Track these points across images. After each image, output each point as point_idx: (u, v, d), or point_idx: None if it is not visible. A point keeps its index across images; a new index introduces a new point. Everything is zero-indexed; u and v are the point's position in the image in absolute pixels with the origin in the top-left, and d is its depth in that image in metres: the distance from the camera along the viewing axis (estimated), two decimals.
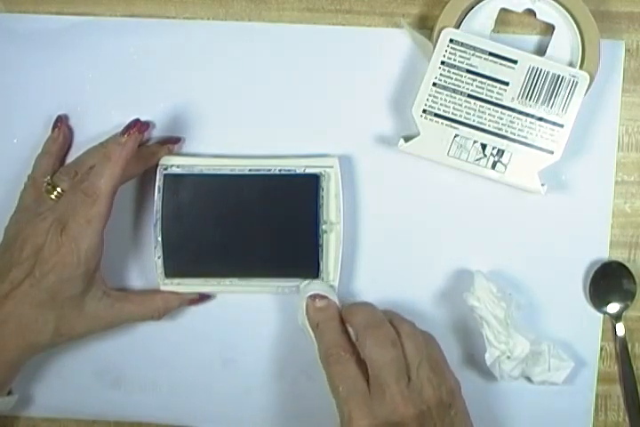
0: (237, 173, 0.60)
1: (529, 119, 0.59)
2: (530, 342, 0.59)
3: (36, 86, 0.62)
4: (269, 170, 0.60)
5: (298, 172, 0.60)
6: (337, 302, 0.59)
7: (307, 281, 0.60)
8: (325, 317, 0.58)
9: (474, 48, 0.59)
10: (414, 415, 0.53)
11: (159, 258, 0.60)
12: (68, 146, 0.62)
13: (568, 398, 0.62)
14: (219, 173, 0.60)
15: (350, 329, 0.57)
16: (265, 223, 0.60)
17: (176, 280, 0.61)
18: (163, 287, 0.61)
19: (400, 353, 0.55)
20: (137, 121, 0.57)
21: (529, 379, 0.60)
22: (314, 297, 0.59)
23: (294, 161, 0.60)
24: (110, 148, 0.57)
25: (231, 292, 0.62)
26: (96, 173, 0.56)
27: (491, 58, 0.59)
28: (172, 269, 0.60)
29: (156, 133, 0.62)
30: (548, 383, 0.60)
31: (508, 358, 0.59)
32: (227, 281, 0.61)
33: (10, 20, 0.62)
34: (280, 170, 0.60)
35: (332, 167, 0.60)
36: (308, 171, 0.60)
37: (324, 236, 0.60)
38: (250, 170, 0.60)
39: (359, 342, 0.56)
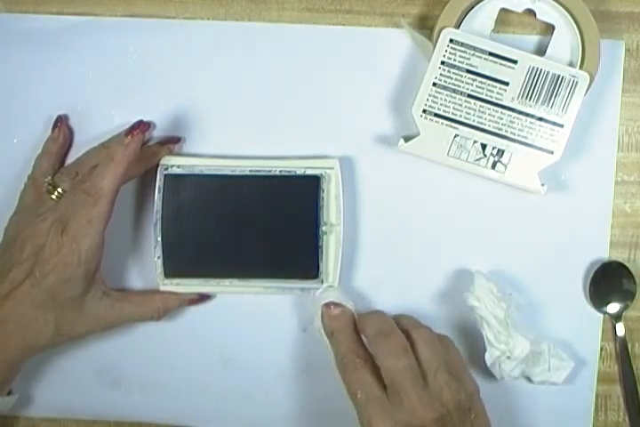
0: (238, 173, 0.60)
1: (529, 119, 0.59)
2: (530, 342, 0.59)
3: (36, 86, 0.62)
4: (270, 171, 0.60)
5: (298, 173, 0.60)
6: (352, 309, 0.59)
7: (322, 288, 0.60)
8: (340, 325, 0.58)
9: (474, 48, 0.59)
10: (434, 419, 0.54)
11: (159, 258, 0.60)
12: (68, 146, 0.62)
13: (568, 398, 0.62)
14: (219, 173, 0.60)
15: (364, 338, 0.58)
16: (265, 224, 0.60)
17: (175, 280, 0.61)
18: (162, 288, 0.61)
19: (413, 360, 0.55)
20: (140, 122, 0.58)
21: (529, 379, 0.60)
22: (329, 305, 0.59)
23: (295, 162, 0.60)
24: (113, 148, 0.57)
25: (231, 292, 0.62)
26: (98, 173, 0.56)
27: (491, 58, 0.59)
28: (171, 270, 0.60)
29: (157, 133, 0.62)
30: (548, 383, 0.60)
31: (508, 358, 0.59)
32: (226, 282, 0.61)
33: (10, 20, 0.62)
34: (281, 171, 0.60)
35: (332, 169, 0.60)
36: (309, 172, 0.60)
37: (324, 237, 0.60)
38: (250, 171, 0.60)
39: (372, 352, 0.56)
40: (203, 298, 0.62)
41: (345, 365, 0.57)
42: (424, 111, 0.59)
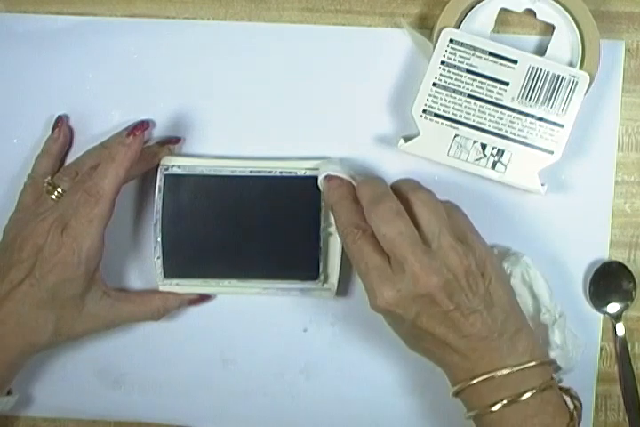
0: (238, 174, 0.60)
1: (529, 119, 0.59)
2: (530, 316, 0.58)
3: (36, 86, 0.62)
4: (270, 172, 0.60)
5: (299, 174, 0.60)
6: (352, 180, 0.57)
7: (323, 161, 0.58)
8: (338, 196, 0.56)
9: (474, 48, 0.59)
10: (439, 285, 0.51)
11: (158, 258, 0.60)
12: (68, 146, 0.62)
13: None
14: (219, 173, 0.60)
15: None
16: (265, 225, 0.60)
17: (175, 281, 0.61)
18: (161, 288, 0.61)
19: (409, 223, 0.52)
20: (142, 122, 0.58)
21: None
22: (327, 178, 0.57)
23: (296, 163, 0.60)
24: (115, 148, 0.56)
25: (230, 293, 0.62)
26: (99, 173, 0.56)
27: (491, 58, 0.59)
28: (171, 270, 0.60)
29: (157, 134, 0.62)
30: (565, 363, 0.58)
31: None
32: (226, 282, 0.61)
33: (10, 20, 0.62)
34: (281, 172, 0.60)
35: None
36: (309, 173, 0.60)
37: (324, 238, 0.60)
38: (251, 171, 0.60)
39: (368, 221, 0.53)
40: (203, 298, 0.62)
41: (345, 237, 0.54)
42: (424, 111, 0.59)
